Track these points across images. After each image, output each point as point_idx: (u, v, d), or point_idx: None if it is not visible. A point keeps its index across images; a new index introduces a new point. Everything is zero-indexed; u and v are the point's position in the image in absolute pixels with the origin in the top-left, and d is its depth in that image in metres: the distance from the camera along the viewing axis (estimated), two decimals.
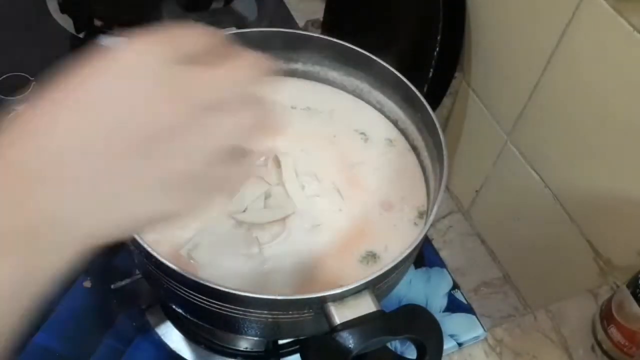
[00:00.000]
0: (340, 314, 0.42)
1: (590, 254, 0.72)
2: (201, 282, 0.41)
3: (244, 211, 0.52)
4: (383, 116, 0.61)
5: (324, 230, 0.52)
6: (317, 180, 0.55)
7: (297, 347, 0.60)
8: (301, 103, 0.61)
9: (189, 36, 0.33)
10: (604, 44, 0.62)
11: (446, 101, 0.88)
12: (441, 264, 0.68)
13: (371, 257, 0.51)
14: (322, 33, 0.92)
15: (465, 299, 0.66)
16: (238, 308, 0.43)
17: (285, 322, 0.45)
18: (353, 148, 0.59)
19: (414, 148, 0.59)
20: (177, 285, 0.44)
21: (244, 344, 0.61)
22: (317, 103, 0.62)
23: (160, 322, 0.61)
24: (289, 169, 0.55)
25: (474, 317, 0.65)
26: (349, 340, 0.40)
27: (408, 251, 0.45)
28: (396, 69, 0.57)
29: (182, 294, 0.44)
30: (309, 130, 0.59)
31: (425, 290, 0.66)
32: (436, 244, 0.74)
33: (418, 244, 0.46)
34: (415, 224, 0.54)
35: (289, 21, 0.94)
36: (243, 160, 0.33)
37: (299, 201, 0.53)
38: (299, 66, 0.62)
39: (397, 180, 0.57)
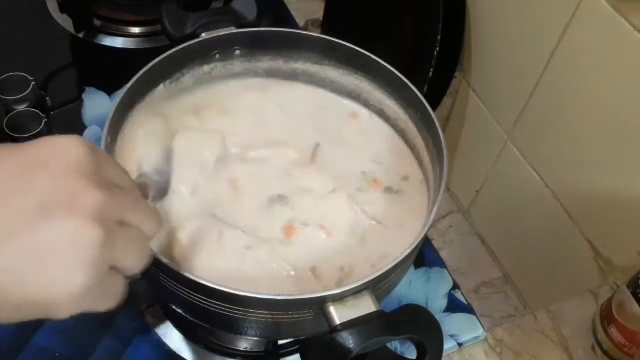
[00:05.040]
0: (340, 314, 0.42)
1: (591, 254, 0.72)
2: (201, 282, 0.41)
3: None
4: (383, 116, 0.61)
5: (323, 230, 0.52)
6: (317, 181, 0.55)
7: (297, 347, 0.60)
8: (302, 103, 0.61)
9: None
10: (604, 44, 0.62)
11: (446, 101, 0.88)
12: (441, 264, 0.68)
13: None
14: (322, 33, 0.92)
15: (466, 299, 0.66)
16: (238, 308, 0.43)
17: (285, 323, 0.45)
18: (352, 148, 0.59)
19: (414, 148, 0.59)
20: (177, 286, 0.44)
21: (244, 344, 0.61)
22: (316, 102, 0.62)
23: (160, 322, 0.61)
24: None
25: (474, 317, 0.65)
26: (349, 340, 0.40)
27: (408, 251, 0.45)
28: (396, 69, 0.57)
29: (182, 294, 0.44)
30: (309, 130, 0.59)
31: (426, 290, 0.66)
32: (436, 244, 0.74)
33: (418, 244, 0.46)
34: None
35: (289, 21, 0.94)
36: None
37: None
38: (299, 66, 0.62)
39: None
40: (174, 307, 0.50)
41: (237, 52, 0.60)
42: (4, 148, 0.31)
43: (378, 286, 0.45)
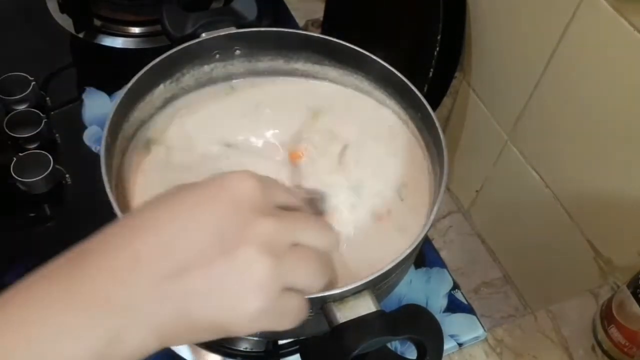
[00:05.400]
0: (340, 314, 0.42)
1: (591, 254, 0.72)
2: None
3: None
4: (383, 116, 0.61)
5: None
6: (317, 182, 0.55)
7: (297, 347, 0.60)
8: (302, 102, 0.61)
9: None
10: (604, 44, 0.62)
11: (446, 101, 0.89)
12: (441, 264, 0.68)
13: None
14: (322, 33, 0.92)
15: (466, 299, 0.66)
16: None
17: None
18: (353, 147, 0.59)
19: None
20: None
21: (244, 344, 0.61)
22: (317, 101, 0.62)
23: None
24: None
25: (474, 317, 0.65)
26: (349, 340, 0.40)
27: (408, 251, 0.45)
28: (396, 69, 0.57)
29: None
30: (310, 130, 0.59)
31: (426, 290, 0.66)
32: (436, 244, 0.74)
33: (418, 244, 0.46)
34: None
35: (289, 21, 0.94)
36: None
37: None
38: (299, 66, 0.62)
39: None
40: None
41: (237, 52, 0.60)
42: (178, 189, 0.36)
43: (378, 286, 0.45)
